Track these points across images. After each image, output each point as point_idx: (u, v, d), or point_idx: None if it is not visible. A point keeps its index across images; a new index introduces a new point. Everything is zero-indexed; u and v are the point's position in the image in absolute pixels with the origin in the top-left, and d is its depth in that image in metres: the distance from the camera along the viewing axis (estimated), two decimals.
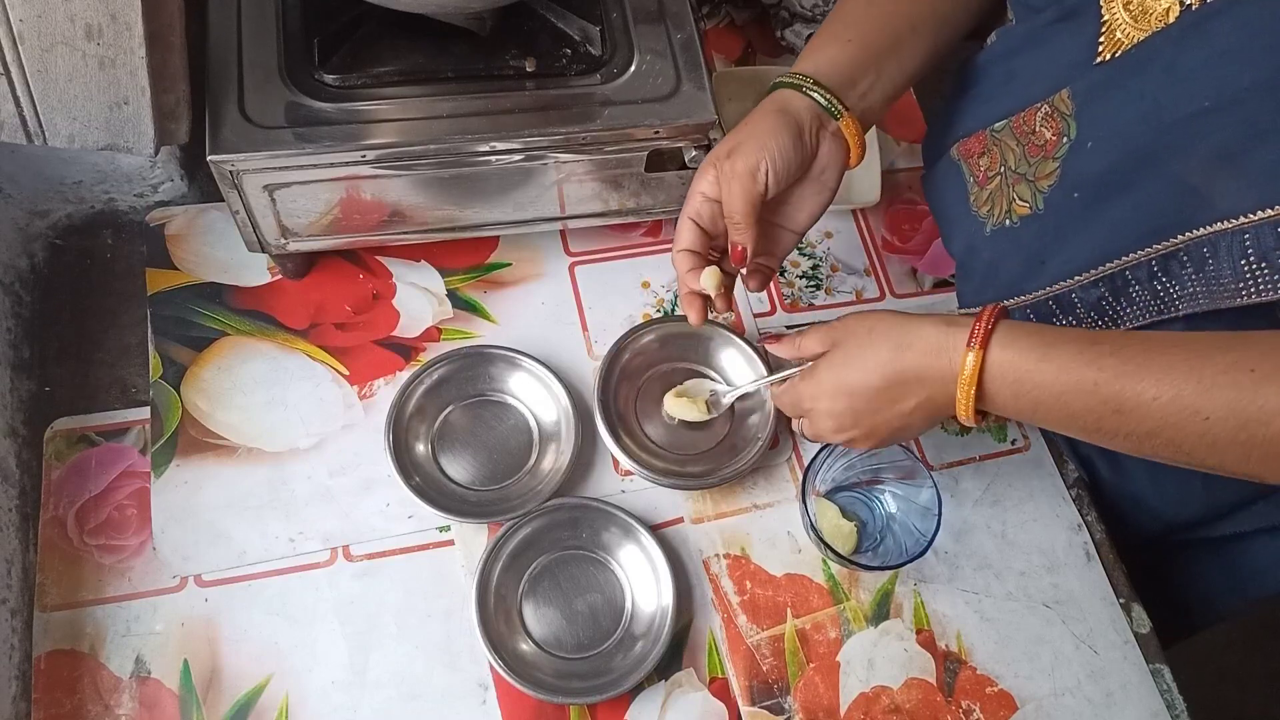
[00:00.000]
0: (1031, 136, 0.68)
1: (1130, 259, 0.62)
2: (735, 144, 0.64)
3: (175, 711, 0.64)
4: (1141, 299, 0.63)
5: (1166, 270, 0.60)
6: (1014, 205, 0.70)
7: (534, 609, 0.70)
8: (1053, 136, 0.65)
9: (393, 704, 0.66)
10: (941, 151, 0.79)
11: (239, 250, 0.75)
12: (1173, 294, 0.60)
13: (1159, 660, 0.75)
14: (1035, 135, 0.67)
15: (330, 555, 0.70)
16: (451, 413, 0.75)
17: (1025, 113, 0.68)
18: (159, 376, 0.74)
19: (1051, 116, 0.65)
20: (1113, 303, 0.65)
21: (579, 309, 0.83)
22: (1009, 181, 0.70)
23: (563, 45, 0.73)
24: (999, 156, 0.71)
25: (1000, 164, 0.71)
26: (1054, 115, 0.65)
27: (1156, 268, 0.60)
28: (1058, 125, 0.65)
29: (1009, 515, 0.79)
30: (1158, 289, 0.61)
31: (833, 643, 0.72)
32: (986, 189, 0.73)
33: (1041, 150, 0.67)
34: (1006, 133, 0.70)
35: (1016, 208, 0.70)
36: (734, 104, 0.94)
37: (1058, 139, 0.65)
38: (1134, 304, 0.63)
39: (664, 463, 0.75)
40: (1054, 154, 0.66)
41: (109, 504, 0.70)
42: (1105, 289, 0.64)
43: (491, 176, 0.73)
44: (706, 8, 1.01)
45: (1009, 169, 0.70)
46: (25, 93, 0.58)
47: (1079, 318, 0.67)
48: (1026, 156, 0.68)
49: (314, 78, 0.69)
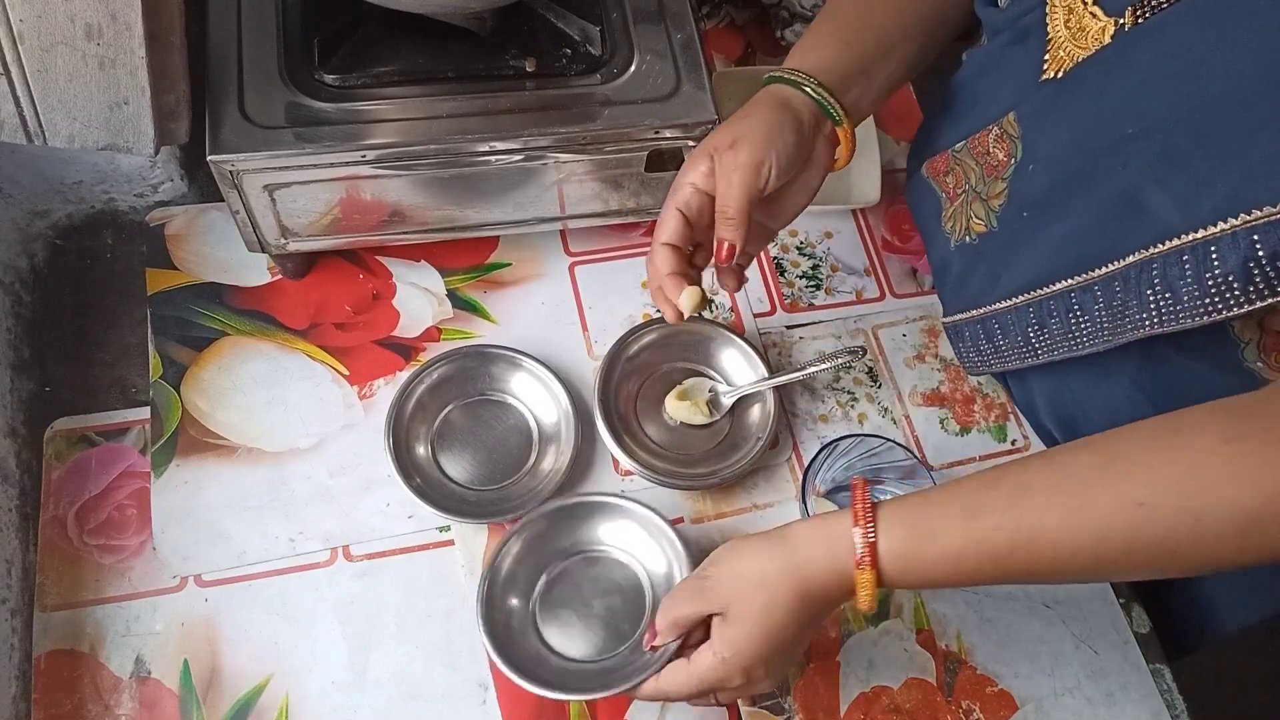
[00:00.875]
0: (987, 157, 0.69)
1: (1077, 280, 0.62)
2: (738, 135, 0.63)
3: (175, 711, 0.64)
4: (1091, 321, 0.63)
5: (1108, 292, 0.60)
6: (971, 223, 0.72)
7: (548, 614, 0.68)
8: (1004, 158, 0.66)
9: (393, 704, 0.66)
10: (916, 168, 0.81)
11: (239, 250, 0.75)
12: (1115, 317, 0.60)
13: (1159, 660, 0.75)
14: (989, 156, 0.68)
15: (330, 555, 0.70)
16: (451, 413, 0.75)
17: (980, 134, 0.69)
18: (159, 376, 0.74)
19: (1002, 138, 0.66)
20: (1065, 320, 0.65)
21: (579, 309, 0.83)
22: (969, 200, 0.72)
23: (563, 45, 0.73)
24: (962, 176, 0.72)
25: (964, 182, 0.72)
26: (1004, 137, 0.66)
27: (1099, 290, 0.61)
28: (1008, 146, 0.66)
29: None
30: (1098, 312, 0.62)
31: (833, 643, 0.72)
32: (953, 205, 0.75)
33: (995, 170, 0.68)
34: (965, 153, 0.72)
35: (974, 225, 0.71)
36: (734, 104, 0.93)
37: (1008, 160, 0.66)
38: (1082, 325, 0.64)
39: (664, 463, 0.75)
40: (1003, 175, 0.67)
41: (109, 504, 0.70)
42: (1055, 306, 0.65)
43: (491, 176, 0.73)
44: (706, 8, 1.01)
45: (970, 187, 0.71)
46: (25, 93, 0.58)
47: (1036, 333, 0.69)
48: (984, 176, 0.69)
49: (314, 78, 0.69)
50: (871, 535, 0.53)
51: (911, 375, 0.84)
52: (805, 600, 0.55)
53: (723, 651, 0.56)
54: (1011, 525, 0.50)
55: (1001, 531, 0.50)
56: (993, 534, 0.50)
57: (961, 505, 0.52)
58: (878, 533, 0.53)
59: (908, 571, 0.53)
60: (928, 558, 0.52)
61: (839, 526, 0.54)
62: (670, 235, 0.64)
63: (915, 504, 0.54)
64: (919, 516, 0.53)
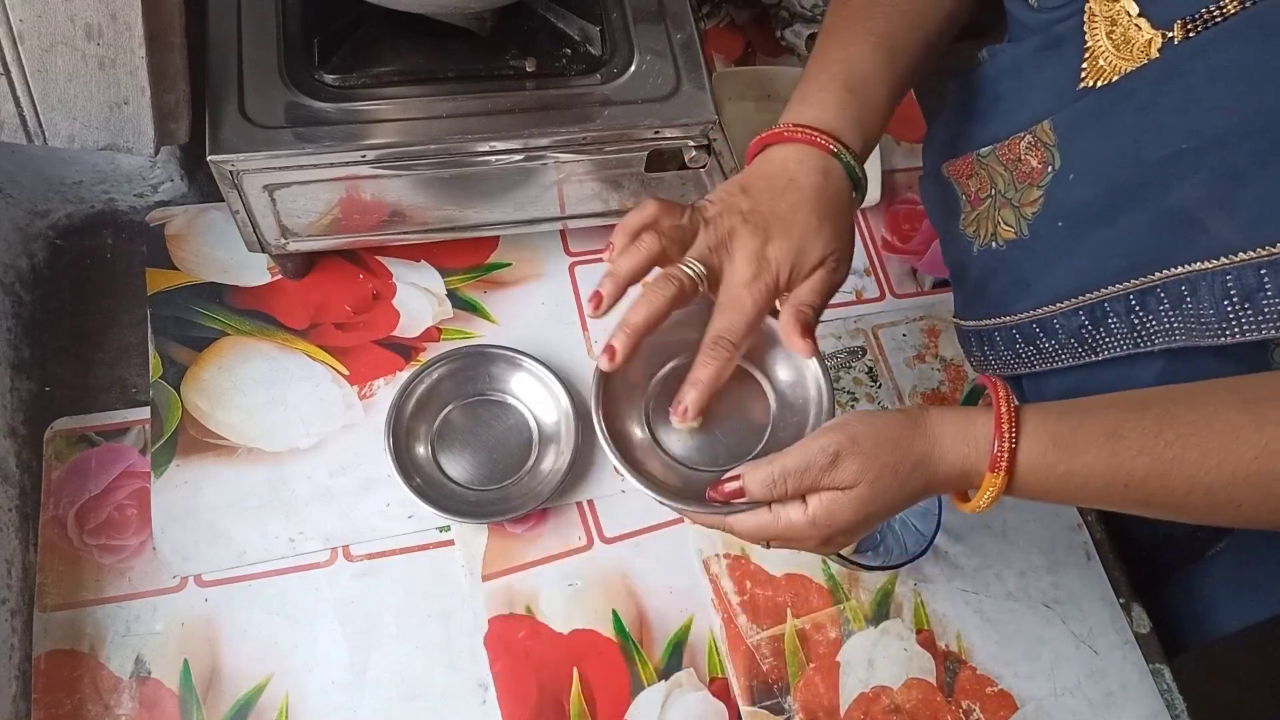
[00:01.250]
0: (1018, 164, 0.67)
1: (1109, 291, 0.61)
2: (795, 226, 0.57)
3: (175, 711, 0.64)
4: (1119, 330, 0.62)
5: (1144, 305, 0.59)
6: (999, 229, 0.70)
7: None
8: (1039, 165, 0.65)
9: (393, 704, 0.66)
10: (935, 167, 0.79)
11: (239, 250, 0.75)
12: (1149, 328, 0.60)
13: (1159, 660, 0.75)
14: (1021, 163, 0.66)
15: (330, 555, 0.70)
16: (451, 413, 0.75)
17: (1010, 141, 0.67)
18: (159, 376, 0.74)
19: (1035, 146, 0.65)
20: (1093, 331, 0.64)
21: (579, 309, 0.83)
22: (997, 205, 0.70)
23: (563, 45, 0.73)
24: (988, 180, 0.71)
25: (990, 187, 0.70)
26: (1037, 145, 0.65)
27: (1134, 302, 0.60)
28: (1042, 154, 0.64)
29: (1009, 515, 0.79)
30: (1134, 323, 0.61)
31: (833, 643, 0.72)
32: (977, 210, 0.73)
33: (1028, 177, 0.66)
34: (992, 159, 0.70)
35: (1001, 231, 0.69)
36: (734, 104, 0.94)
37: (1043, 167, 0.64)
38: (1112, 335, 0.63)
39: None
40: (1039, 182, 0.65)
41: (109, 504, 0.70)
42: (1085, 318, 0.64)
43: (491, 176, 0.73)
44: (706, 8, 1.01)
45: (999, 192, 0.69)
46: (25, 93, 0.58)
47: (1060, 342, 0.67)
48: (1015, 182, 0.67)
49: (314, 78, 0.69)
50: (1014, 441, 0.52)
51: (911, 375, 0.84)
52: (926, 489, 0.54)
53: (820, 518, 0.53)
54: (1154, 452, 0.49)
55: (1143, 457, 0.50)
56: (1133, 458, 0.50)
57: (1107, 423, 0.51)
58: (1019, 439, 0.52)
59: (1038, 483, 0.52)
60: (1061, 471, 0.51)
61: (981, 427, 0.52)
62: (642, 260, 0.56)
63: (1059, 414, 0.53)
64: (1062, 428, 0.52)
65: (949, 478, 0.53)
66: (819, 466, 0.52)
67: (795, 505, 0.54)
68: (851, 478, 0.52)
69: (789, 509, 0.54)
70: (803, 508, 0.53)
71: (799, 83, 0.64)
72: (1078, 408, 0.53)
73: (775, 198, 0.59)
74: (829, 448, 0.52)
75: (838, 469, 0.52)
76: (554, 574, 0.72)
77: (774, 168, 0.60)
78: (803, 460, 0.53)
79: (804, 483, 0.53)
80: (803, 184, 0.59)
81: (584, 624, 0.71)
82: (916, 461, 0.53)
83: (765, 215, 0.58)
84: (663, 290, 0.55)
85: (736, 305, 0.57)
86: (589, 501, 0.75)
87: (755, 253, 0.57)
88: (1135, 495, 0.51)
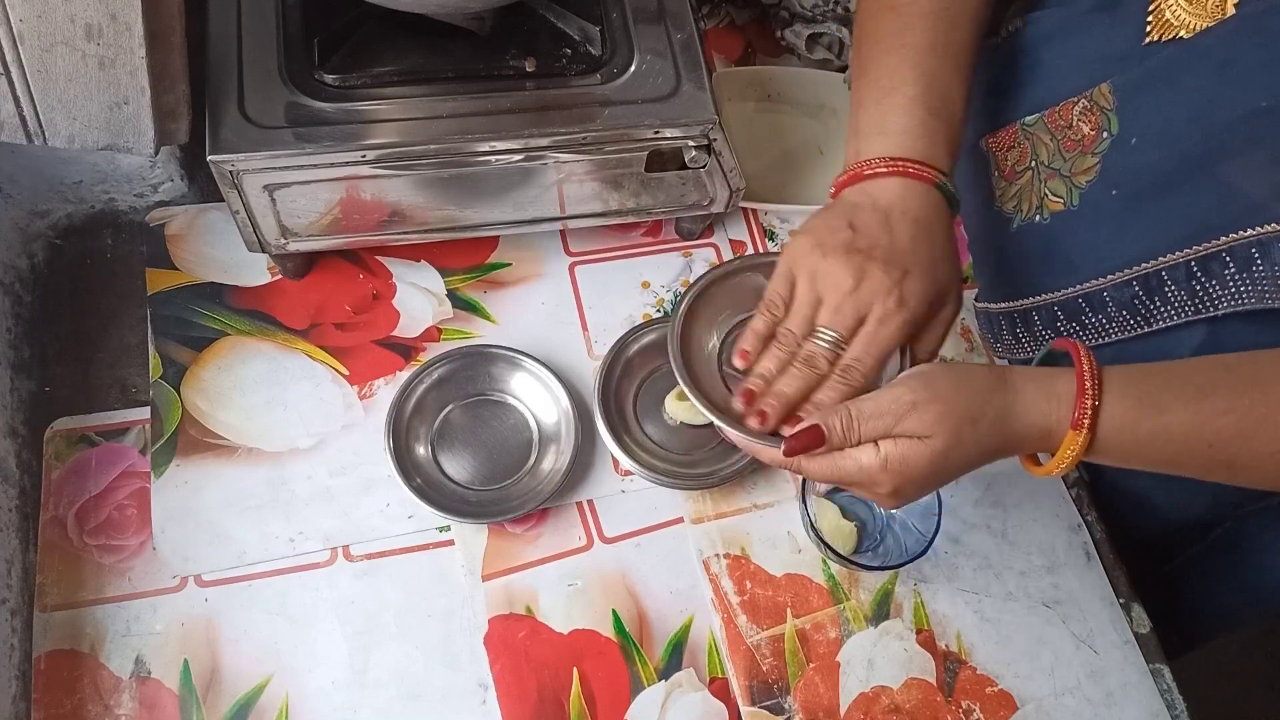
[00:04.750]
0: (1068, 131, 0.64)
1: (1167, 259, 0.60)
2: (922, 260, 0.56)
3: (175, 711, 0.64)
4: (1178, 299, 0.61)
5: (1207, 270, 0.58)
6: (1046, 201, 0.67)
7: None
8: (1091, 131, 0.63)
9: (393, 704, 0.66)
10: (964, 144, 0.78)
11: (239, 250, 0.75)
12: (1213, 294, 0.58)
13: (1159, 660, 0.75)
14: (1072, 130, 0.64)
15: (330, 555, 0.70)
16: (451, 413, 0.75)
17: (1061, 106, 0.65)
18: (159, 376, 0.74)
19: (1090, 111, 0.63)
20: (1146, 302, 0.63)
21: (579, 309, 0.83)
22: (1041, 177, 0.67)
23: (563, 45, 0.73)
24: (1029, 151, 0.68)
25: (1031, 158, 0.68)
26: (1093, 110, 0.63)
27: (1196, 268, 0.59)
28: (1096, 120, 0.62)
29: (1009, 515, 0.79)
30: (1195, 289, 0.59)
31: (833, 643, 0.72)
32: (1015, 184, 0.71)
33: (1079, 145, 0.64)
34: (1040, 126, 0.67)
35: (1049, 203, 0.67)
36: (734, 104, 0.94)
37: (1096, 134, 0.63)
38: (1169, 303, 0.62)
39: (664, 463, 0.75)
40: (1093, 149, 0.63)
41: (109, 504, 0.70)
42: (1139, 288, 0.62)
43: (491, 176, 0.73)
44: (706, 8, 1.01)
45: (1041, 164, 0.67)
46: (25, 93, 0.58)
47: (1110, 316, 0.66)
48: (1062, 151, 0.65)
49: (314, 78, 0.69)
50: (1098, 398, 0.50)
51: None
52: (1003, 447, 0.53)
53: (895, 464, 0.52)
54: (1241, 410, 0.49)
55: (1230, 415, 0.49)
56: (1220, 417, 0.49)
57: (1194, 382, 0.50)
58: (1102, 396, 0.50)
59: (1120, 442, 0.51)
60: (1145, 430, 0.50)
61: (1064, 384, 0.51)
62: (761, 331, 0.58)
63: (1144, 374, 0.52)
64: (1148, 386, 0.51)
65: (1028, 436, 0.52)
66: (893, 414, 0.52)
67: (869, 448, 0.53)
68: (928, 426, 0.51)
69: (862, 452, 0.53)
70: (875, 451, 0.52)
71: (864, 104, 0.62)
72: (1160, 369, 0.52)
73: (891, 232, 0.57)
74: (905, 395, 0.52)
75: (914, 415, 0.51)
76: (554, 574, 0.72)
77: (878, 201, 0.58)
78: (879, 405, 0.52)
79: (879, 427, 0.52)
80: (918, 217, 0.58)
81: (584, 624, 0.71)
82: (997, 415, 0.52)
83: (888, 250, 0.57)
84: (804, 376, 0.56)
85: (875, 340, 0.56)
86: (589, 501, 0.75)
87: (893, 286, 0.56)
88: (1220, 456, 0.50)
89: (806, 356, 0.56)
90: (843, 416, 0.52)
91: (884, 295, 0.55)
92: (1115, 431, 0.51)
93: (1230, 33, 0.54)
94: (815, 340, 0.56)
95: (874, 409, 0.52)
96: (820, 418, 0.53)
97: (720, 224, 0.89)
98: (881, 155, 0.59)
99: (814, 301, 0.57)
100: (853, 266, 0.56)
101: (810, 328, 0.57)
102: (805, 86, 0.94)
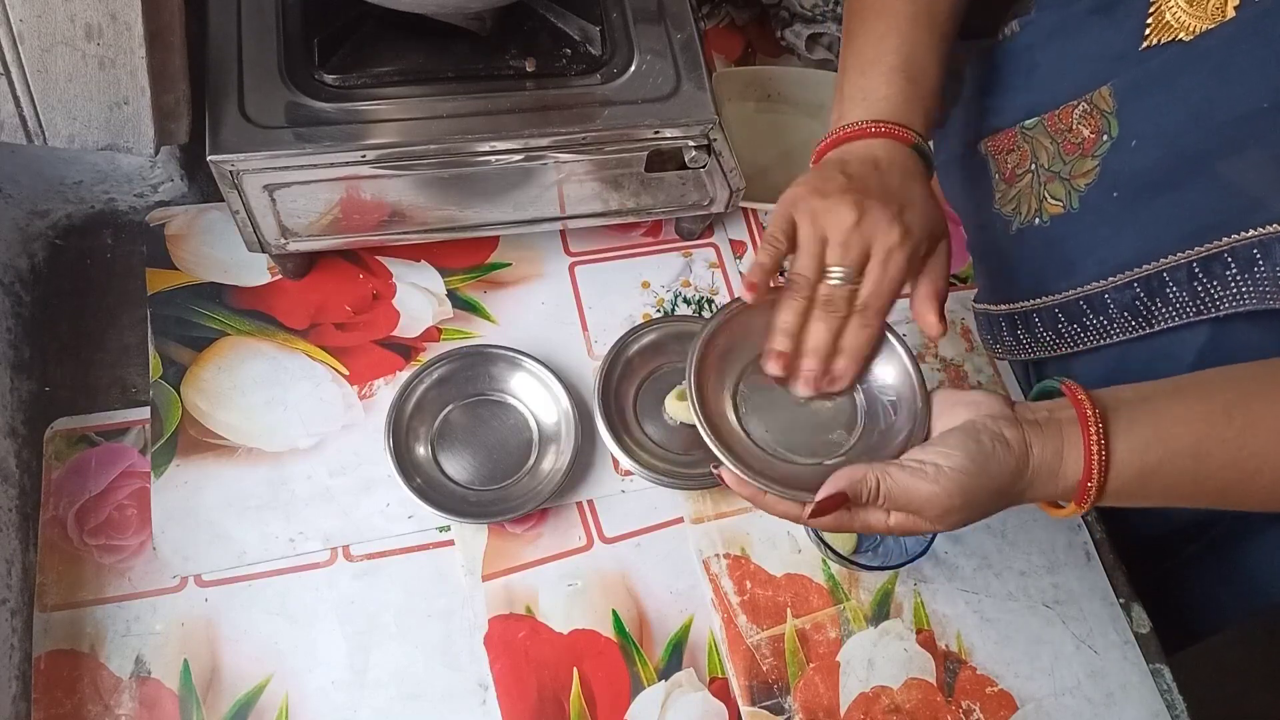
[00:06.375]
0: (1068, 134, 0.65)
1: (1168, 261, 0.60)
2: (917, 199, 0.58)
3: (175, 711, 0.64)
4: (1179, 300, 0.61)
5: (1208, 271, 0.58)
6: (1045, 204, 0.68)
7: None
8: (1091, 134, 0.63)
9: (393, 704, 0.66)
10: (963, 146, 0.77)
11: (239, 250, 0.75)
12: (1214, 295, 0.59)
13: (1159, 660, 0.75)
14: (1072, 133, 0.65)
15: (330, 555, 0.70)
16: (451, 413, 0.75)
17: (1061, 110, 0.66)
18: (159, 376, 0.74)
19: (1090, 114, 0.63)
20: (1147, 303, 0.63)
21: (579, 309, 0.83)
22: (1041, 180, 0.68)
23: (563, 45, 0.73)
24: (1029, 154, 0.69)
25: (1030, 161, 0.69)
26: (1093, 113, 0.63)
27: (1198, 269, 0.59)
28: (1097, 123, 0.63)
29: (1009, 515, 0.79)
30: (1197, 290, 0.60)
31: (833, 643, 0.72)
32: (1015, 187, 0.71)
33: (1079, 148, 0.64)
34: (1039, 130, 0.68)
35: (1049, 206, 0.67)
36: (734, 104, 0.94)
37: (1096, 137, 0.63)
38: (1170, 305, 0.62)
39: (664, 463, 0.75)
40: (1093, 152, 0.63)
41: (109, 504, 0.70)
42: (1141, 289, 0.63)
43: (491, 176, 0.73)
44: (706, 8, 1.01)
45: (1041, 167, 0.68)
46: (25, 93, 0.58)
47: (1111, 317, 0.66)
48: (1061, 154, 0.66)
49: (314, 78, 0.69)
50: (1102, 479, 0.51)
51: None
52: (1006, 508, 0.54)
53: (897, 529, 0.53)
54: (1239, 464, 0.50)
55: (1228, 470, 0.50)
56: (1218, 472, 0.50)
57: (1192, 446, 0.51)
58: (1108, 476, 0.51)
59: (1120, 502, 0.53)
60: (1145, 493, 0.52)
61: (1072, 465, 0.51)
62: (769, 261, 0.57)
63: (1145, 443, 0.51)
64: (1150, 457, 0.51)
65: (1036, 500, 0.54)
66: (922, 509, 0.52)
67: (880, 511, 0.53)
68: (947, 524, 0.52)
69: (871, 514, 0.53)
70: (885, 516, 0.53)
71: (849, 71, 0.64)
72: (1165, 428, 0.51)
73: (881, 176, 0.58)
74: (943, 500, 0.51)
75: (942, 518, 0.52)
76: (554, 574, 0.72)
77: (865, 155, 0.60)
78: (912, 498, 0.51)
79: (903, 508, 0.52)
80: (904, 168, 0.59)
81: (584, 624, 0.71)
82: (1009, 501, 0.53)
83: (881, 189, 0.57)
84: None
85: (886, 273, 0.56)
86: (589, 501, 0.75)
87: (894, 217, 0.56)
88: (1220, 500, 0.52)
89: (825, 300, 0.57)
90: (871, 488, 0.52)
91: (886, 226, 0.56)
92: (1118, 497, 0.52)
93: (1231, 34, 0.54)
94: (828, 280, 0.57)
95: (905, 499, 0.52)
96: (848, 484, 0.52)
97: (720, 224, 0.89)
98: (868, 119, 0.61)
99: (819, 239, 0.57)
100: (853, 203, 0.56)
101: (820, 266, 0.57)
102: (805, 86, 0.94)
